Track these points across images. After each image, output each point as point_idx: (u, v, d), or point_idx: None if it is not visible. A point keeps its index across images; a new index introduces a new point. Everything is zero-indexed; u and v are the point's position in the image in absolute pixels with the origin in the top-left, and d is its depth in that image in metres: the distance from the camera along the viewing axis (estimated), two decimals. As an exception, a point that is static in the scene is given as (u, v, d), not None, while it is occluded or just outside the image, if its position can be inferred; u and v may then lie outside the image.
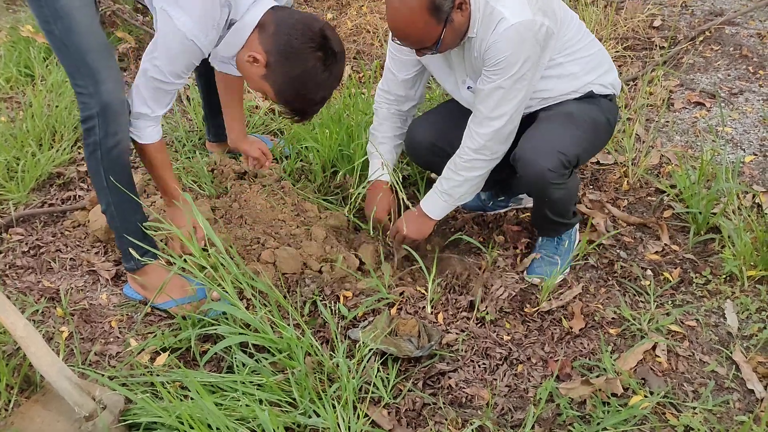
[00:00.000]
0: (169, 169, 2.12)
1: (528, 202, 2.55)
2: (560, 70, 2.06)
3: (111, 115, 1.85)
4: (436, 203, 2.21)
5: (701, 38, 3.75)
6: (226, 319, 1.94)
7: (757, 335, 1.99)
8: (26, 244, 2.33)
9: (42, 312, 2.06)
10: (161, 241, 2.20)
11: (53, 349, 1.69)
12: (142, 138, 1.96)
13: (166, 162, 2.10)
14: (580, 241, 2.31)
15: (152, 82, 1.85)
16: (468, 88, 2.10)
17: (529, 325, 2.06)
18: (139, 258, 1.99)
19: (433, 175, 2.56)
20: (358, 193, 2.39)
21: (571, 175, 2.06)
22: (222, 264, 1.89)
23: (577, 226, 2.32)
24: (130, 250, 1.98)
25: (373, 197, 2.35)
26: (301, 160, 2.74)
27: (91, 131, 1.86)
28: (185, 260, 1.88)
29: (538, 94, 2.10)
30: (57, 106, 2.96)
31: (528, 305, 2.12)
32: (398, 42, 1.91)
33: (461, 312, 2.11)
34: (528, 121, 2.11)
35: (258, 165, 2.55)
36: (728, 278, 2.20)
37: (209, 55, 1.92)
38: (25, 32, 3.49)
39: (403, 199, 2.23)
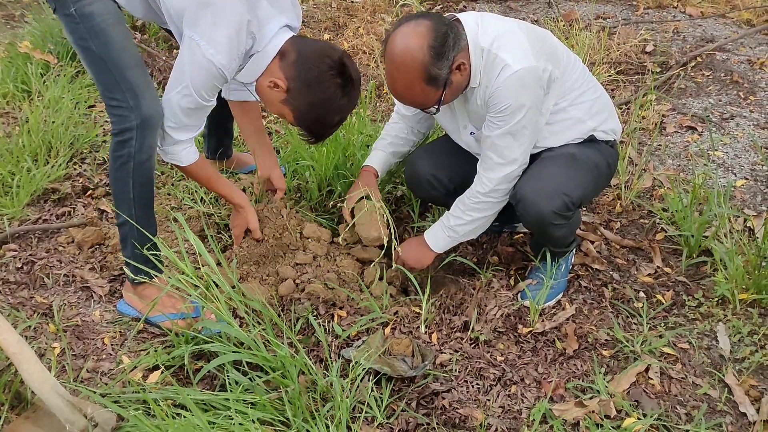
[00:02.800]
0: (220, 179, 2.23)
1: (523, 228, 2.56)
2: (563, 115, 2.08)
3: (149, 129, 1.91)
4: (440, 237, 2.22)
5: (693, 64, 3.80)
6: (220, 336, 1.93)
7: (749, 358, 1.99)
8: (20, 259, 2.32)
9: (34, 328, 2.05)
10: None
11: (45, 366, 1.69)
12: (183, 161, 2.05)
13: (214, 174, 2.21)
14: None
15: (179, 106, 1.90)
16: (471, 133, 2.12)
17: (522, 346, 2.06)
18: (150, 271, 2.00)
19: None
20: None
21: (574, 214, 2.08)
22: (215, 283, 1.89)
23: (574, 250, 2.34)
24: (139, 260, 2.01)
25: (359, 183, 2.35)
26: (296, 179, 2.75)
27: (125, 143, 1.91)
28: (179, 279, 1.88)
29: (542, 139, 2.11)
30: (53, 122, 2.96)
31: (522, 326, 2.13)
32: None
33: (455, 332, 2.11)
34: (530, 161, 2.12)
35: (277, 195, 2.53)
36: (720, 301, 2.21)
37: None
38: (23, 48, 3.51)
39: (388, 220, 2.26)
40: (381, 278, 2.34)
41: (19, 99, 3.29)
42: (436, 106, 1.93)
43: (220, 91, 2.29)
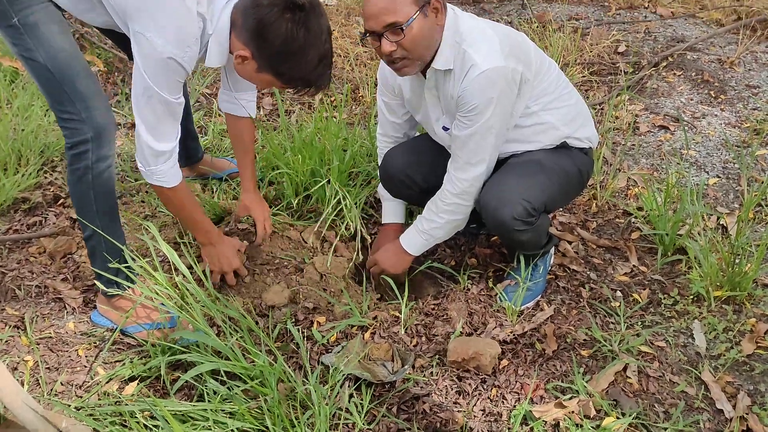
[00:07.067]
0: (199, 207, 2.10)
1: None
2: (535, 119, 2.07)
3: (105, 138, 1.85)
4: (416, 241, 2.23)
5: (664, 63, 3.85)
6: (197, 346, 1.91)
7: (724, 355, 2.02)
8: (-10, 271, 2.28)
9: (6, 341, 2.00)
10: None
11: (17, 379, 1.65)
12: (169, 181, 1.94)
13: (195, 200, 2.09)
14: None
15: (149, 110, 1.81)
16: (443, 128, 2.12)
17: (502, 348, 2.06)
18: (122, 282, 1.97)
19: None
20: (329, 216, 2.39)
21: (538, 219, 2.07)
22: (190, 292, 1.87)
23: (552, 249, 2.35)
24: (111, 272, 1.97)
25: (382, 240, 2.38)
26: (270, 183, 2.73)
27: (81, 156, 1.85)
28: (153, 290, 1.86)
29: (512, 143, 2.11)
30: (23, 130, 2.91)
31: (500, 328, 2.13)
32: (369, 29, 1.87)
33: (435, 335, 2.11)
34: (498, 166, 2.13)
35: (257, 240, 2.39)
36: (695, 299, 2.23)
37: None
38: (-10, 55, 3.44)
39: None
40: (360, 283, 2.34)
41: (-13, 107, 3.22)
42: (403, 26, 1.82)
43: None
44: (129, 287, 2.02)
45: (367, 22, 1.87)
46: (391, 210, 2.46)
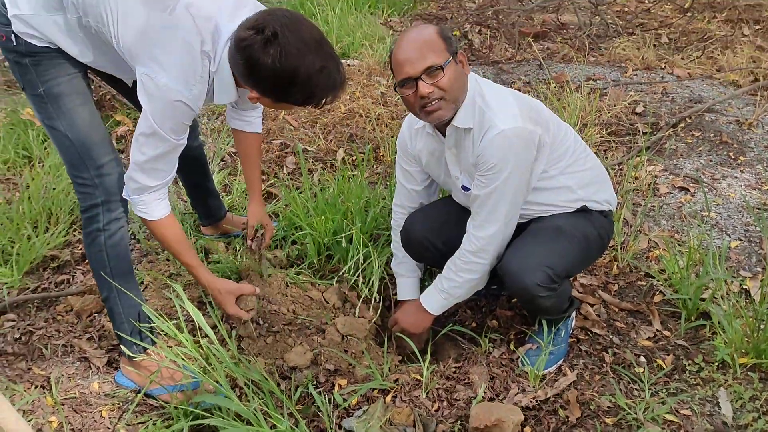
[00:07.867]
0: (187, 248, 2.05)
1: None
2: (553, 182, 2.12)
3: (114, 203, 1.95)
4: (436, 299, 2.24)
5: (682, 124, 3.88)
6: (219, 409, 1.92)
7: (752, 425, 1.98)
8: (18, 329, 2.32)
9: (32, 401, 2.02)
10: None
11: (43, 442, 1.67)
12: (151, 214, 1.93)
13: (181, 239, 2.03)
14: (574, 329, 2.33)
15: (147, 146, 1.82)
16: (463, 187, 2.16)
17: (525, 414, 2.04)
18: (139, 343, 2.00)
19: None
20: (354, 278, 2.42)
21: (561, 285, 2.09)
22: (214, 354, 1.89)
23: (574, 313, 2.34)
24: (132, 334, 2.01)
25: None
26: (293, 242, 2.77)
27: (93, 219, 1.93)
28: (177, 352, 1.88)
29: (531, 207, 2.15)
30: (54, 189, 2.99)
31: (523, 393, 2.11)
32: (405, 75, 1.90)
33: (457, 400, 2.10)
34: (519, 231, 2.16)
35: (263, 243, 2.47)
36: (721, 365, 2.20)
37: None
38: (24, 115, 3.57)
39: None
40: (381, 345, 2.35)
41: (20, 165, 3.33)
42: (442, 67, 1.89)
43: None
44: (148, 349, 2.04)
45: (402, 68, 1.92)
46: (408, 287, 2.47)
